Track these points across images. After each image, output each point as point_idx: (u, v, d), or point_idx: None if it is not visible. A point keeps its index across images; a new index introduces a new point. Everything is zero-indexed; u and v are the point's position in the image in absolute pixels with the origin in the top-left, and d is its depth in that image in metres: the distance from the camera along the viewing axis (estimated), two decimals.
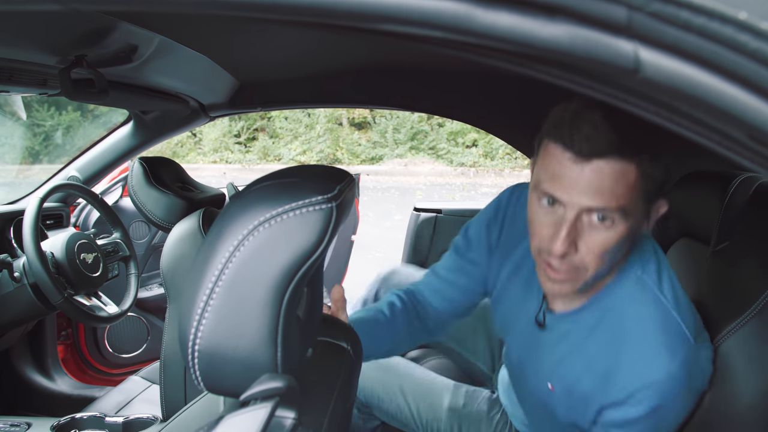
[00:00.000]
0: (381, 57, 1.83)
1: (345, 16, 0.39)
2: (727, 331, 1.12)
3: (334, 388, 0.81)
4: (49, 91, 1.40)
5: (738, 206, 1.31)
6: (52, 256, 1.72)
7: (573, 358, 1.06)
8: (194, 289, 0.61)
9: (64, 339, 2.35)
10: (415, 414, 1.50)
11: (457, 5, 0.37)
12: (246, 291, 0.60)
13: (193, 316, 0.60)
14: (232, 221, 0.61)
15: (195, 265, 0.63)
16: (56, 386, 2.20)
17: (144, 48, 1.34)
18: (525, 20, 0.37)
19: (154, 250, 2.55)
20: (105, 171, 2.14)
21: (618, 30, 0.36)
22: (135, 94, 1.62)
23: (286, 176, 0.67)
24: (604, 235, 0.91)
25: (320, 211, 0.61)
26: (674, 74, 0.37)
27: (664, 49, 0.36)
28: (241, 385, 0.61)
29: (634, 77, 0.38)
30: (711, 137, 0.42)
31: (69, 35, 1.19)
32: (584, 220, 0.91)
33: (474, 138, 11.73)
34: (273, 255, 0.60)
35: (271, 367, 0.61)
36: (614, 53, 0.37)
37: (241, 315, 0.60)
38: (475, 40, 0.38)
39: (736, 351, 1.11)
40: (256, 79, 2.00)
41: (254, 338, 0.60)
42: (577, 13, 0.36)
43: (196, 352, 0.61)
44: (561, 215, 0.92)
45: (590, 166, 0.87)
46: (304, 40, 1.57)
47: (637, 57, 0.37)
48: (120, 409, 1.82)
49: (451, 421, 1.47)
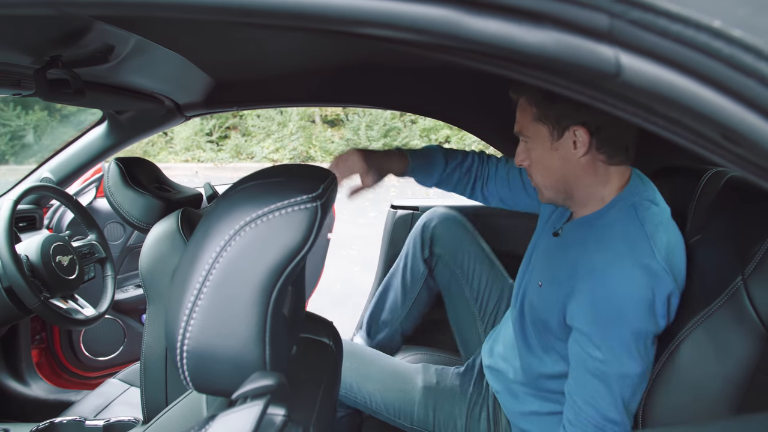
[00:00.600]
0: (357, 56, 1.84)
1: (336, 21, 0.40)
2: (698, 318, 1.16)
3: (320, 384, 0.82)
4: (23, 91, 1.38)
5: (709, 199, 1.35)
6: (27, 259, 1.69)
7: (564, 259, 1.30)
8: (181, 289, 0.61)
9: (39, 343, 2.31)
10: (387, 402, 1.52)
11: (447, 12, 0.38)
12: (234, 290, 0.60)
13: (180, 317, 0.61)
14: (219, 221, 0.62)
15: (181, 266, 0.63)
16: (31, 391, 2.17)
17: (120, 48, 1.33)
18: (512, 27, 0.39)
19: (129, 251, 2.52)
20: (79, 172, 2.11)
21: (600, 36, 0.38)
22: (110, 94, 1.60)
23: (271, 176, 0.67)
24: (528, 150, 1.30)
25: (306, 210, 0.62)
26: (652, 78, 0.39)
27: (643, 54, 0.38)
28: (230, 384, 0.62)
29: (614, 80, 0.39)
30: (686, 136, 0.44)
31: (44, 35, 1.17)
32: (522, 143, 1.31)
33: (447, 134, 11.78)
34: (260, 254, 0.61)
35: (260, 365, 0.62)
36: (597, 58, 0.39)
37: (229, 314, 0.60)
38: (464, 45, 0.40)
39: (705, 338, 1.15)
40: (232, 78, 2.00)
41: (243, 337, 0.61)
42: (561, 20, 0.38)
43: (184, 353, 0.61)
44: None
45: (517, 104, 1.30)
46: (279, 39, 1.57)
47: (618, 62, 0.38)
48: (99, 413, 1.80)
49: (426, 401, 1.50)
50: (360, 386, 1.53)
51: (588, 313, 1.17)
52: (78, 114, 7.64)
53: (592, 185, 1.27)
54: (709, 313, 1.15)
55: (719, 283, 1.16)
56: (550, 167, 1.27)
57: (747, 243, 1.14)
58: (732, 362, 1.11)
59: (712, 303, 1.15)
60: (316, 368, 0.86)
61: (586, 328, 1.18)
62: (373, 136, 11.88)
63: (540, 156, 1.27)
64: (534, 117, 1.25)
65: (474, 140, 11.40)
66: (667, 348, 1.20)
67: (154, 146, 11.94)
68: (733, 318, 1.12)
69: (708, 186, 1.38)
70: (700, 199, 1.38)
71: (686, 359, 1.18)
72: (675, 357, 1.19)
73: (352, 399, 1.55)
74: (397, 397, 1.51)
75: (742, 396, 1.11)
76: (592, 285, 1.17)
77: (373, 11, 0.38)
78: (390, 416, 1.52)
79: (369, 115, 11.93)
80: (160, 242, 1.50)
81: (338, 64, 1.94)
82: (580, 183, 1.27)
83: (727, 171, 1.39)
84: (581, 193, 1.29)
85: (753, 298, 1.09)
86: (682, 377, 1.18)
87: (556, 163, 1.26)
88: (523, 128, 1.28)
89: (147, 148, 11.71)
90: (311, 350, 0.90)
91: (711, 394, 1.14)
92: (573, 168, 1.25)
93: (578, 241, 1.29)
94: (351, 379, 1.55)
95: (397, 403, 1.51)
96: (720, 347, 1.13)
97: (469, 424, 1.48)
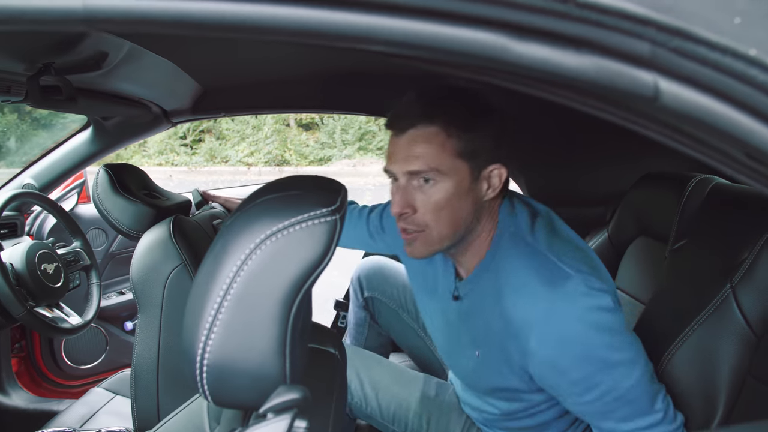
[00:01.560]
0: (346, 63, 1.85)
1: (384, 42, 0.41)
2: (690, 327, 1.19)
3: (332, 394, 0.83)
4: (12, 98, 1.36)
5: (695, 206, 1.38)
6: (12, 268, 1.67)
7: (488, 318, 1.13)
8: (200, 303, 0.61)
9: (18, 351, 2.26)
10: (383, 406, 1.49)
11: (494, 37, 0.40)
12: (255, 304, 0.60)
13: (200, 330, 0.60)
14: (239, 234, 0.62)
15: (199, 279, 0.63)
16: (10, 401, 2.12)
17: (114, 55, 1.32)
18: (554, 51, 0.40)
19: (111, 258, 2.49)
20: (62, 178, 2.07)
21: (640, 62, 0.40)
22: (98, 100, 1.58)
23: (287, 188, 0.68)
24: (431, 194, 1.06)
25: (326, 224, 0.62)
26: (690, 102, 0.40)
27: (681, 80, 0.40)
28: (249, 398, 0.62)
29: (652, 104, 0.41)
30: (711, 155, 0.47)
31: (39, 42, 1.16)
32: (414, 184, 1.07)
33: None
34: (282, 268, 0.61)
35: (281, 378, 0.62)
36: (636, 83, 0.40)
37: (250, 328, 0.60)
38: (507, 68, 0.41)
39: (697, 346, 1.18)
40: (220, 85, 1.99)
41: (264, 351, 0.61)
42: (603, 46, 0.39)
43: (204, 367, 0.61)
44: (397, 184, 1.10)
45: (405, 136, 1.06)
46: (268, 46, 1.57)
47: (657, 86, 0.40)
48: (84, 423, 1.77)
49: (421, 411, 1.46)
50: (357, 388, 1.50)
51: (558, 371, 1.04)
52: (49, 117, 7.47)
53: (484, 226, 1.14)
54: (699, 321, 1.18)
55: (707, 290, 1.19)
56: (455, 213, 1.08)
57: (734, 250, 1.17)
58: (724, 370, 1.13)
59: (702, 311, 1.18)
60: (326, 378, 0.86)
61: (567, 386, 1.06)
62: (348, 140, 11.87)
63: (446, 201, 1.06)
64: (456, 151, 1.04)
65: None
66: (661, 360, 1.23)
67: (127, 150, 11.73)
68: (723, 326, 1.14)
69: (694, 193, 1.42)
70: (686, 206, 1.42)
71: (679, 368, 1.20)
72: (669, 367, 1.21)
73: (347, 399, 1.52)
74: (393, 403, 1.48)
75: (734, 402, 1.14)
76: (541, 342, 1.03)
77: (420, 35, 0.40)
78: (384, 421, 1.50)
79: (344, 119, 11.90)
80: (152, 250, 1.49)
81: (328, 72, 1.94)
82: (475, 227, 1.12)
83: (713, 178, 1.43)
84: (473, 238, 1.14)
85: (742, 305, 1.12)
86: (675, 386, 1.20)
87: (464, 208, 1.08)
88: (435, 164, 1.04)
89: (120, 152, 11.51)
90: (319, 360, 0.90)
91: (703, 401, 1.16)
92: (477, 211, 1.11)
93: (489, 295, 1.13)
94: (350, 381, 1.51)
95: (392, 408, 1.48)
96: (711, 354, 1.15)
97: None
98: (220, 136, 12.05)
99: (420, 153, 1.04)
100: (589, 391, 1.03)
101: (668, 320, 1.27)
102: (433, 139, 1.04)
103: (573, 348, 1.01)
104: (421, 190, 1.06)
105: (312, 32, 0.40)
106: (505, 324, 1.08)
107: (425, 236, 1.09)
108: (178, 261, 1.48)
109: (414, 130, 1.05)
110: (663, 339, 1.23)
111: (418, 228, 1.09)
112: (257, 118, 11.85)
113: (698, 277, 1.25)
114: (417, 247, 1.11)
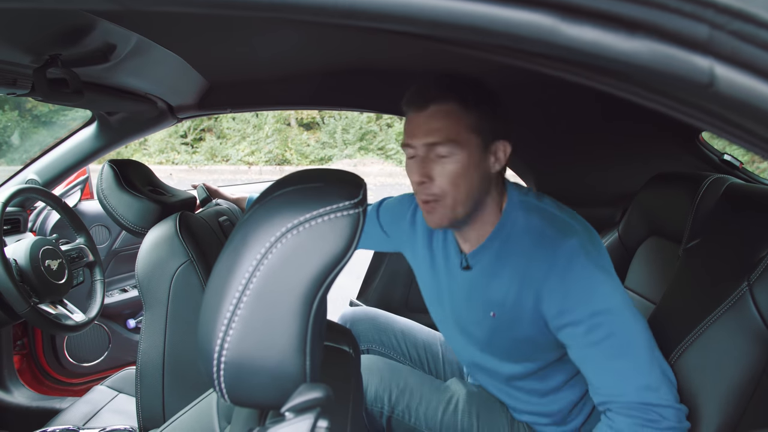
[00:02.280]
0: (353, 58, 1.83)
1: (428, 25, 0.39)
2: (702, 325, 1.17)
3: (349, 392, 0.81)
4: (18, 90, 1.34)
5: (709, 205, 1.37)
6: (16, 264, 1.65)
7: (497, 282, 1.26)
8: (217, 298, 0.59)
9: (20, 349, 2.25)
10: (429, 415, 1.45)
11: (544, 18, 0.38)
12: (275, 299, 0.58)
13: (218, 327, 0.58)
14: (258, 227, 0.59)
15: (216, 274, 0.61)
16: (13, 398, 2.11)
17: (122, 47, 1.30)
18: (607, 34, 0.38)
19: (114, 255, 2.47)
20: (66, 174, 2.05)
21: (696, 46, 0.38)
22: (105, 94, 1.56)
23: (309, 181, 0.66)
24: (448, 164, 1.18)
25: (348, 217, 0.60)
26: (745, 89, 0.38)
27: (739, 65, 0.38)
28: (268, 397, 0.60)
29: (706, 91, 0.39)
30: (760, 145, 0.45)
31: (45, 33, 1.14)
32: (431, 156, 1.19)
33: None
34: (303, 262, 0.58)
35: (301, 376, 0.60)
36: (691, 68, 0.38)
37: (270, 325, 0.58)
38: (557, 53, 0.39)
39: (710, 344, 1.17)
40: (226, 80, 1.97)
41: (284, 348, 0.58)
42: (660, 29, 0.37)
43: (222, 364, 0.58)
44: (417, 157, 1.22)
45: (425, 113, 1.18)
46: (276, 41, 1.55)
47: (713, 72, 0.38)
48: (88, 421, 1.75)
49: (470, 408, 1.44)
50: (399, 400, 1.46)
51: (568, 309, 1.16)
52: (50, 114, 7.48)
53: (494, 198, 1.26)
54: (713, 319, 1.16)
55: (722, 289, 1.17)
56: (468, 182, 1.20)
57: (751, 249, 1.16)
58: (737, 368, 1.12)
59: (715, 309, 1.16)
60: (343, 377, 0.84)
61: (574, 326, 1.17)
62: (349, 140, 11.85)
63: (461, 170, 1.19)
64: (470, 126, 1.17)
65: None
66: (671, 355, 1.21)
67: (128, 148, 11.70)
68: (738, 324, 1.13)
69: (708, 192, 1.40)
70: (700, 205, 1.40)
71: (691, 366, 1.19)
72: (679, 364, 1.20)
73: (387, 415, 1.47)
74: (440, 408, 1.45)
75: (748, 402, 1.12)
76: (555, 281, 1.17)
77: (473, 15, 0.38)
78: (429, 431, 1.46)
79: (345, 119, 11.89)
80: (158, 247, 1.47)
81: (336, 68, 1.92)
82: (485, 198, 1.25)
83: (728, 178, 1.41)
84: (483, 209, 1.26)
85: (759, 303, 1.11)
86: (686, 384, 1.18)
87: (475, 177, 1.20)
88: (452, 136, 1.17)
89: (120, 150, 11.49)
90: (335, 359, 0.88)
91: (716, 401, 1.15)
92: (486, 183, 1.23)
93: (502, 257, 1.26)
94: (390, 394, 1.47)
95: (438, 416, 1.44)
96: (725, 353, 1.14)
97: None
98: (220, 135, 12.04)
99: (439, 126, 1.17)
100: (592, 331, 1.14)
101: (680, 317, 1.26)
102: (450, 114, 1.17)
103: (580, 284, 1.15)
104: (438, 161, 1.19)
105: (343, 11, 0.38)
106: (519, 277, 1.21)
107: (443, 204, 1.21)
108: (184, 258, 1.46)
109: (434, 106, 1.18)
110: (674, 335, 1.22)
111: (436, 197, 1.21)
112: (258, 117, 11.84)
113: (713, 276, 1.24)
114: (436, 216, 1.24)
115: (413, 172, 1.22)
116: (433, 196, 1.21)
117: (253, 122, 11.83)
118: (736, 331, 1.13)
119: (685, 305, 1.28)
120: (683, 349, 1.20)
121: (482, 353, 1.40)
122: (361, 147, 11.92)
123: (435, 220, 1.24)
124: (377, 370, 1.51)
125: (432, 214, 1.24)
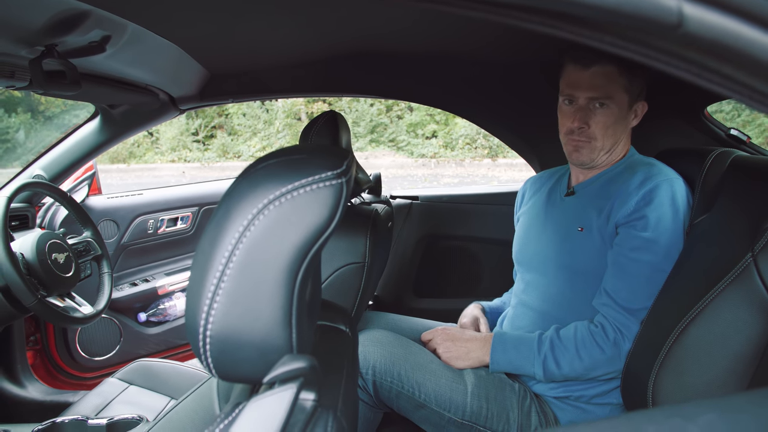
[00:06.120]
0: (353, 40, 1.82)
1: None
2: (708, 297, 1.16)
3: (342, 370, 0.81)
4: (17, 83, 1.35)
5: (715, 179, 1.35)
6: (23, 257, 1.66)
7: (592, 205, 1.52)
8: (202, 272, 0.58)
9: (33, 344, 2.27)
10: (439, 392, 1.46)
11: None
12: (259, 271, 0.57)
13: (203, 301, 0.57)
14: (241, 200, 0.59)
15: (200, 247, 0.60)
16: (27, 393, 2.13)
17: (117, 37, 1.30)
18: None
19: (123, 249, 2.49)
20: (71, 169, 2.07)
21: None
22: (104, 86, 1.57)
23: (292, 153, 0.65)
24: (603, 115, 1.45)
25: (331, 187, 0.59)
26: (716, 27, 0.37)
27: (708, 3, 0.37)
28: (255, 371, 0.59)
29: (675, 32, 0.38)
30: (739, 90, 0.43)
31: (39, 23, 1.14)
32: (590, 107, 1.46)
33: (433, 129, 11.76)
34: (286, 233, 0.58)
35: (287, 349, 0.59)
36: (658, 8, 0.37)
37: (254, 297, 0.58)
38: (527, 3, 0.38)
39: (715, 316, 1.15)
40: (227, 69, 1.97)
41: (269, 321, 0.58)
42: None
43: (207, 338, 0.58)
44: (576, 106, 1.47)
45: (590, 71, 1.43)
46: (276, 28, 1.55)
47: (681, 11, 0.37)
48: (99, 412, 1.76)
49: (479, 391, 1.46)
50: (409, 375, 1.46)
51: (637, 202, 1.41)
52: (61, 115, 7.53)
53: (623, 146, 1.54)
54: (717, 290, 1.15)
55: (727, 260, 1.16)
56: (615, 131, 1.47)
57: (755, 220, 1.14)
58: (742, 339, 1.11)
59: (720, 281, 1.15)
60: (337, 355, 0.84)
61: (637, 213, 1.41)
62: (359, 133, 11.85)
63: (612, 121, 1.45)
64: (623, 86, 1.42)
65: (461, 134, 11.42)
66: (676, 328, 1.20)
67: (140, 147, 11.81)
68: (743, 295, 1.12)
69: (713, 166, 1.38)
70: (706, 180, 1.39)
71: (696, 338, 1.18)
72: (684, 336, 1.19)
73: (396, 389, 1.46)
74: (449, 387, 1.46)
75: (753, 373, 1.11)
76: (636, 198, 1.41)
77: None
78: (439, 409, 1.45)
79: (355, 112, 11.88)
80: None
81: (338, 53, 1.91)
82: (617, 146, 1.52)
83: (732, 151, 1.39)
84: (614, 154, 1.53)
85: (763, 274, 1.09)
86: (691, 356, 1.17)
87: (620, 128, 1.48)
88: (610, 94, 1.43)
89: (133, 149, 11.59)
90: (330, 337, 0.88)
91: (721, 373, 1.14)
92: (625, 132, 1.52)
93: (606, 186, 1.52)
94: (400, 368, 1.47)
95: (447, 394, 1.45)
96: (729, 325, 1.13)
97: (521, 418, 1.45)
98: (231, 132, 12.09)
99: (601, 83, 1.42)
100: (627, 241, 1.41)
101: (686, 289, 1.25)
102: (610, 74, 1.41)
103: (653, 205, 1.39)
104: (595, 112, 1.45)
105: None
106: (611, 203, 1.46)
107: (591, 146, 1.49)
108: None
109: (597, 67, 1.41)
110: (680, 307, 1.21)
111: (589, 139, 1.48)
112: (268, 112, 11.87)
113: (718, 247, 1.23)
114: (583, 153, 1.50)
115: (570, 118, 1.48)
116: (587, 138, 1.47)
117: (264, 118, 11.86)
118: (740, 303, 1.12)
119: (691, 278, 1.26)
120: (689, 320, 1.19)
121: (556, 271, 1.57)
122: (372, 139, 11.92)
123: (582, 158, 1.51)
124: (388, 343, 1.51)
125: (580, 153, 1.50)
